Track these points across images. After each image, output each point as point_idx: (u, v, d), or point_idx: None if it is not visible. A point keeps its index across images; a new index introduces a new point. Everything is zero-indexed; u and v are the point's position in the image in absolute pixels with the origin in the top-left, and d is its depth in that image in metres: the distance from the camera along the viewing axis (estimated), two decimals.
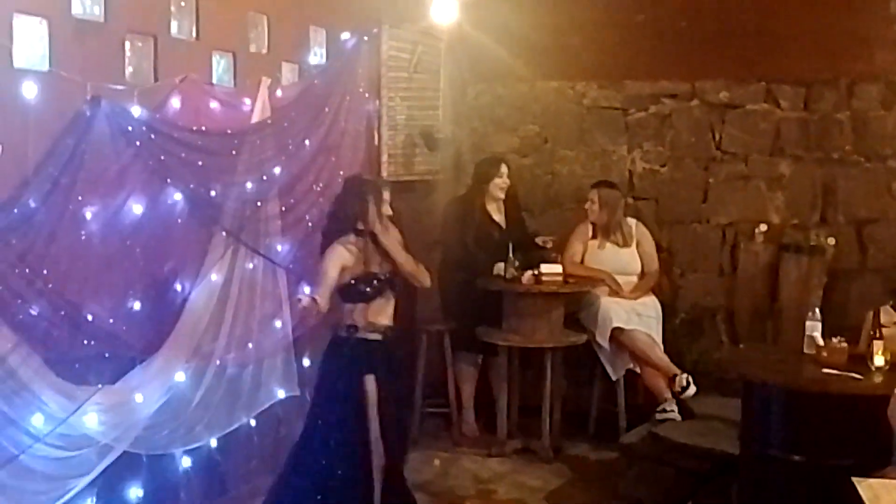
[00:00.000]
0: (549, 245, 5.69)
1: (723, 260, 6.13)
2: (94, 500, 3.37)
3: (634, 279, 5.77)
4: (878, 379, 3.92)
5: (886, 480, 3.01)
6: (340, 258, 3.96)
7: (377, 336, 3.99)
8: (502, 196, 5.80)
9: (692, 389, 5.32)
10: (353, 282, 3.95)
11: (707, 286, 6.14)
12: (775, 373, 4.16)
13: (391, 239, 4.06)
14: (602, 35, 6.14)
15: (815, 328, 4.25)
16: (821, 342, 4.18)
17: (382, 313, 4.03)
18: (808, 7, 5.81)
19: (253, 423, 4.22)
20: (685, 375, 5.35)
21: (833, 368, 4.00)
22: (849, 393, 3.84)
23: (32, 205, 3.08)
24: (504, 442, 5.46)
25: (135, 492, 3.65)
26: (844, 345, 4.13)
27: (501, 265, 5.47)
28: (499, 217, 5.83)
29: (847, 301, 5.68)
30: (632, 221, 5.88)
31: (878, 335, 4.02)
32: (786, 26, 5.86)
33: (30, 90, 3.17)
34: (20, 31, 3.23)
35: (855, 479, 2.98)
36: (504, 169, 5.79)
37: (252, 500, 4.38)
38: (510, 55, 6.11)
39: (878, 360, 3.98)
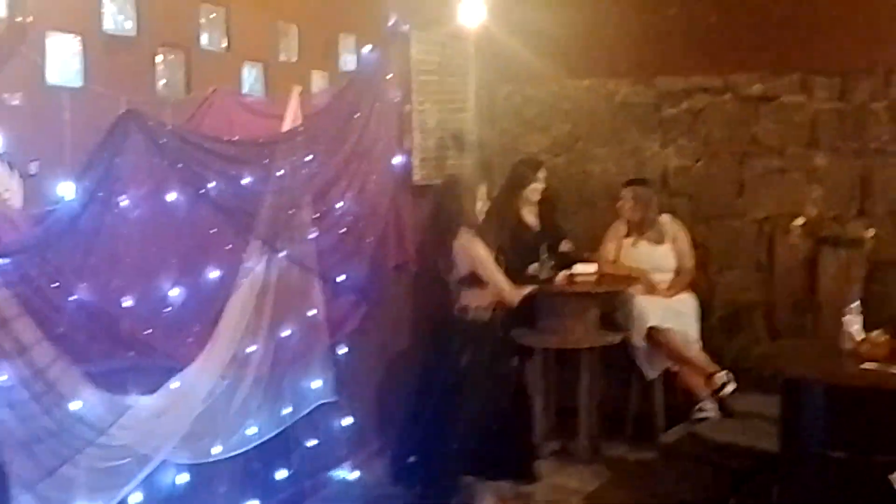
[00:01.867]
0: (571, 250, 5.66)
1: (760, 255, 6.05)
2: None
3: (670, 277, 5.73)
4: None
5: None
6: (481, 246, 4.71)
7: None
8: (538, 198, 5.79)
9: (731, 386, 5.27)
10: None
11: (744, 282, 6.07)
12: (814, 368, 4.12)
13: None
14: (632, 31, 6.10)
15: (854, 322, 4.19)
16: (861, 336, 4.13)
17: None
18: None
19: (289, 430, 4.24)
20: (723, 373, 5.30)
21: (874, 362, 3.95)
22: (890, 387, 3.79)
23: (68, 219, 3.13)
24: (541, 444, 5.45)
25: (174, 502, 3.70)
26: (885, 338, 4.08)
27: (535, 266, 5.46)
28: (532, 220, 5.82)
29: (888, 293, 5.58)
30: (666, 218, 5.84)
31: None
32: (819, 15, 5.77)
33: (64, 106, 3.23)
34: (53, 49, 3.29)
35: (892, 477, 2.95)
36: (542, 173, 5.77)
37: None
38: (539, 55, 6.10)
39: None
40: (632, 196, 5.70)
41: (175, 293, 3.57)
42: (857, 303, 4.28)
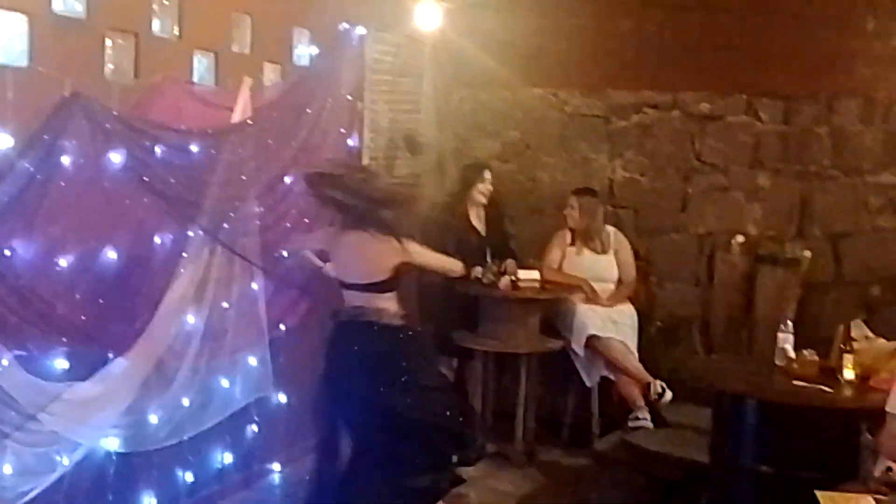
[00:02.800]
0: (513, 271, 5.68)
1: (700, 270, 6.16)
2: (61, 498, 3.37)
3: (611, 287, 5.80)
4: (847, 392, 3.97)
5: (849, 494, 3.05)
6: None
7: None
8: (485, 201, 5.84)
9: (668, 395, 5.36)
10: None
11: (683, 296, 6.18)
12: (747, 383, 4.20)
13: None
14: (586, 43, 6.16)
15: (786, 340, 4.29)
16: (792, 354, 4.22)
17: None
18: (790, 22, 5.86)
19: (224, 422, 4.21)
20: (659, 382, 5.39)
21: (804, 381, 4.04)
22: (818, 405, 3.88)
23: (5, 200, 3.07)
24: (481, 443, 5.47)
25: (103, 489, 3.65)
26: (815, 357, 4.18)
27: (479, 269, 5.49)
28: (479, 223, 5.86)
29: (821, 314, 5.72)
30: (610, 229, 5.91)
31: (848, 349, 4.07)
32: (767, 40, 5.91)
33: (7, 86, 3.17)
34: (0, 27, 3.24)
35: (818, 493, 3.02)
36: (487, 175, 5.84)
37: (221, 499, 4.39)
38: (494, 61, 6.12)
39: (848, 374, 4.03)
40: (578, 205, 5.77)
41: (113, 280, 3.52)
42: (790, 321, 4.38)
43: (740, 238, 6.01)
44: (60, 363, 3.29)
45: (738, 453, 4.06)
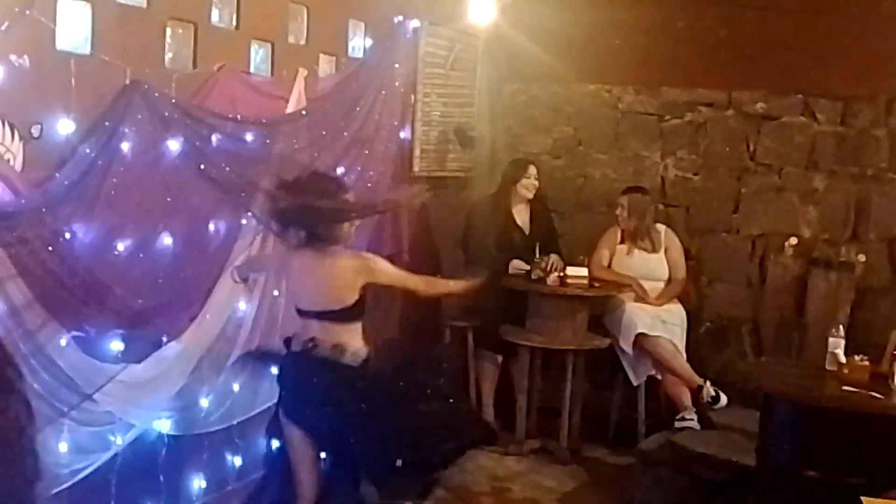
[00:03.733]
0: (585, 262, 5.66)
1: (751, 271, 6.09)
2: (114, 476, 3.45)
3: (661, 286, 5.76)
4: None
5: (894, 501, 3.01)
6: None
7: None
8: (530, 196, 5.81)
9: (724, 400, 5.30)
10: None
11: (734, 297, 6.11)
12: (795, 387, 4.15)
13: None
14: (640, 40, 6.12)
15: (838, 345, 4.23)
16: (843, 359, 4.16)
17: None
18: (849, 23, 5.75)
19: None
20: (711, 386, 5.34)
21: (854, 386, 3.99)
22: (867, 411, 3.83)
23: (67, 184, 3.15)
24: (522, 441, 5.49)
25: (155, 471, 3.73)
26: (867, 363, 4.12)
27: (518, 262, 5.49)
28: (522, 220, 5.82)
29: (874, 319, 5.62)
30: (661, 228, 5.87)
31: None
32: (826, 41, 5.81)
33: (71, 72, 3.25)
34: (64, 14, 3.30)
35: (865, 499, 2.99)
36: (532, 170, 5.79)
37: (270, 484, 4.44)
38: (547, 56, 6.12)
39: None
40: (628, 204, 5.74)
41: (168, 265, 3.59)
42: (842, 326, 4.32)
43: (793, 240, 5.92)
44: (116, 345, 3.37)
45: (784, 457, 4.01)
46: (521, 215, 5.83)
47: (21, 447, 1.21)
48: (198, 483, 4.00)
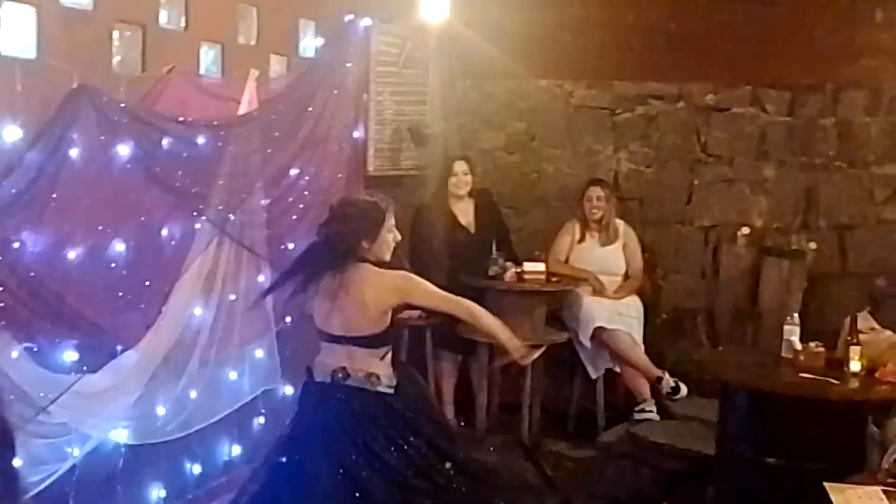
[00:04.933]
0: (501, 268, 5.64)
1: (705, 262, 6.17)
2: (71, 488, 3.39)
3: (619, 279, 5.80)
4: (853, 384, 3.97)
5: (857, 486, 3.05)
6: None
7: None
8: (462, 193, 5.72)
9: (683, 390, 5.35)
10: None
11: (689, 287, 6.18)
12: (752, 376, 4.20)
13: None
14: (591, 34, 6.15)
15: (793, 332, 4.28)
16: (798, 346, 4.22)
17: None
18: (796, 13, 5.85)
19: (233, 414, 4.22)
20: (671, 378, 5.38)
21: (810, 373, 4.05)
22: (824, 398, 3.88)
23: (15, 192, 3.07)
24: (483, 438, 5.49)
25: (112, 481, 3.66)
26: (822, 349, 4.18)
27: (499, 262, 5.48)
28: (467, 219, 5.76)
29: (826, 306, 5.72)
30: (619, 222, 5.91)
31: (855, 341, 4.07)
32: (773, 31, 5.89)
33: (16, 78, 3.17)
34: (7, 19, 3.22)
35: (827, 484, 3.03)
36: (460, 166, 5.70)
37: (229, 491, 4.39)
38: (499, 52, 6.11)
39: (855, 366, 4.02)
40: (599, 195, 5.75)
41: (122, 273, 3.52)
42: (796, 314, 4.38)
43: (745, 230, 6.01)
44: (70, 356, 3.29)
45: (744, 445, 4.06)
46: (465, 214, 5.76)
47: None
48: (157, 492, 3.94)
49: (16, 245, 3.07)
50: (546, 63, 6.28)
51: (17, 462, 1.17)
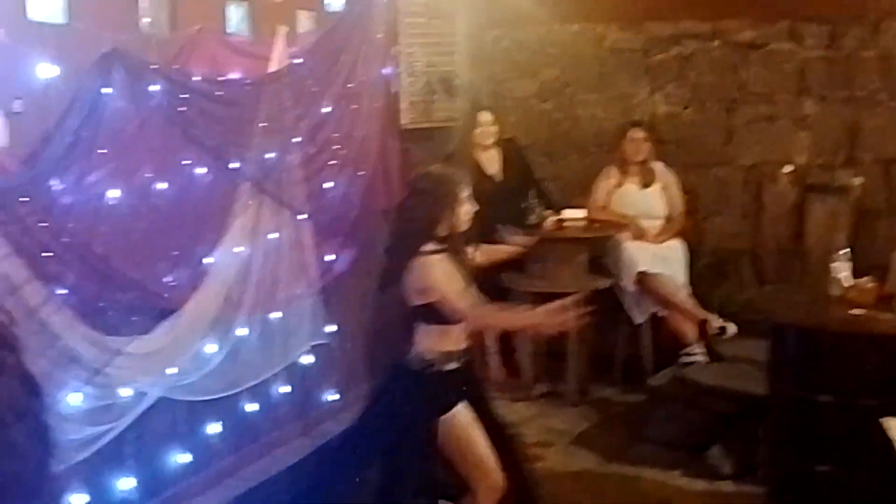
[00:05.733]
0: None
1: (747, 202, 6.06)
2: (129, 446, 3.43)
3: (660, 223, 5.73)
4: None
5: None
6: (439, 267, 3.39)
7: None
8: (487, 143, 5.70)
9: (732, 329, 5.30)
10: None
11: (732, 229, 6.09)
12: (803, 314, 4.15)
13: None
14: None
15: (842, 268, 4.21)
16: (848, 282, 4.15)
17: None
18: None
19: (281, 371, 4.24)
20: (718, 319, 5.33)
21: (861, 308, 3.98)
22: (876, 332, 3.82)
23: (54, 158, 3.07)
24: (530, 386, 5.49)
25: (169, 437, 3.71)
26: (872, 284, 4.10)
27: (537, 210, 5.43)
28: (494, 168, 5.72)
29: (875, 241, 5.60)
30: (659, 165, 5.82)
31: None
32: None
33: (48, 43, 3.15)
34: None
35: (884, 420, 2.98)
36: (484, 117, 5.69)
37: (280, 447, 4.44)
38: None
39: None
40: (642, 136, 5.67)
41: (165, 234, 3.52)
42: (847, 250, 4.30)
43: (788, 168, 5.88)
44: (121, 317, 3.31)
45: (795, 384, 4.01)
46: (492, 164, 5.73)
47: (32, 424, 1.16)
48: (212, 448, 3.98)
49: (59, 210, 3.07)
50: (576, 7, 6.15)
51: (51, 416, 1.16)
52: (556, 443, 4.85)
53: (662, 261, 5.54)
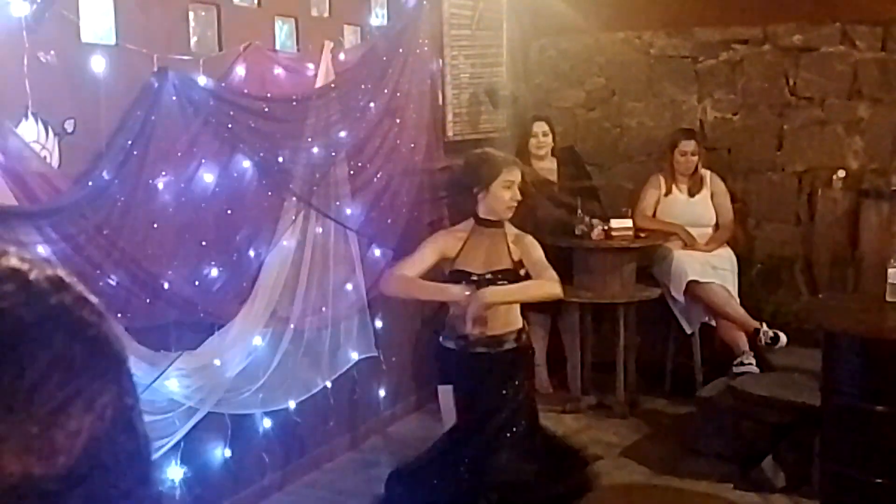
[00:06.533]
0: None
1: (799, 208, 5.96)
2: (179, 461, 3.47)
3: (709, 231, 5.66)
4: None
5: None
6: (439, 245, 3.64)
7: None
8: (541, 154, 5.69)
9: (783, 339, 5.21)
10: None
11: (784, 236, 5.99)
12: (857, 322, 4.05)
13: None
14: None
15: None
16: None
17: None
18: None
19: (329, 385, 4.27)
20: (769, 329, 5.24)
21: None
22: None
23: (106, 177, 3.14)
24: (578, 398, 5.45)
25: (218, 452, 3.75)
26: None
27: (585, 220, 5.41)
28: (549, 178, 5.68)
29: None
30: (706, 172, 5.76)
31: None
32: None
33: (98, 64, 3.23)
34: (86, 5, 3.27)
35: None
36: (539, 127, 5.67)
37: (329, 461, 4.47)
38: (573, 7, 5.99)
39: None
40: (692, 149, 5.62)
41: (213, 250, 3.58)
42: None
43: (841, 173, 5.77)
44: (170, 333, 3.37)
45: (851, 394, 3.92)
46: (549, 175, 5.69)
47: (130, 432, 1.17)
48: (262, 461, 4.02)
49: (110, 226, 3.13)
50: (622, 15, 6.11)
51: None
52: (605, 455, 4.80)
53: (713, 269, 5.46)
